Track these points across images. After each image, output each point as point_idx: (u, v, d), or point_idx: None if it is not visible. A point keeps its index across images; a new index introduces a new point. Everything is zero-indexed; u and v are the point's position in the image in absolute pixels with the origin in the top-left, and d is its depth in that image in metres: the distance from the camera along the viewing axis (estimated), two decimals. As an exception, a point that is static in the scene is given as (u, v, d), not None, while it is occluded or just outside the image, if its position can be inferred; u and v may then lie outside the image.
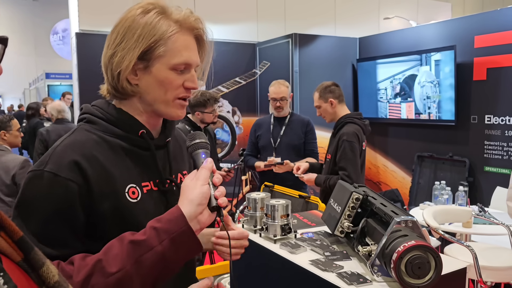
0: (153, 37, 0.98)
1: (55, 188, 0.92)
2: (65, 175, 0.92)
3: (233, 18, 5.81)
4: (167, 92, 1.02)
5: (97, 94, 1.17)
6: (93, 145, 0.99)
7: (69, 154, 0.95)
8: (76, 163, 0.94)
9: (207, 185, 0.91)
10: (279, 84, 3.39)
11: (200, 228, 0.90)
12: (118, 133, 1.03)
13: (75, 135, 1.01)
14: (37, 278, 0.54)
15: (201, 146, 1.00)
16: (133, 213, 0.99)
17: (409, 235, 1.29)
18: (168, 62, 1.00)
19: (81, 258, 0.86)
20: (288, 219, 1.71)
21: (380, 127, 5.31)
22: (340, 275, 1.37)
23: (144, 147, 1.05)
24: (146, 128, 1.06)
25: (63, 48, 9.38)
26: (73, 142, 0.99)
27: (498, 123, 4.14)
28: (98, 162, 0.97)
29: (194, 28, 1.04)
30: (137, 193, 1.01)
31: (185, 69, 1.03)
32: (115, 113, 1.04)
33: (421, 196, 4.84)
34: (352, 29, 6.34)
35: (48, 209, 0.91)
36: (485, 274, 2.60)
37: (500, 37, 4.07)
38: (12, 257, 0.53)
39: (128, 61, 0.98)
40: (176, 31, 1.00)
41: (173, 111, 1.05)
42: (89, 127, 1.03)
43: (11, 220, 0.54)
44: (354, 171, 2.82)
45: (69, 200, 0.92)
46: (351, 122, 2.94)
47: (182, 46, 1.01)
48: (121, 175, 1.00)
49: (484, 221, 3.05)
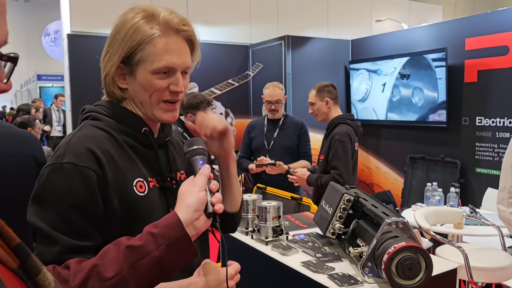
0: (133, 42, 0.99)
1: (75, 179, 0.93)
2: (84, 164, 0.94)
3: (226, 20, 5.81)
4: (151, 95, 1.03)
5: (88, 95, 1.17)
6: (103, 139, 1.01)
7: (84, 144, 0.97)
8: (92, 152, 0.96)
9: (204, 191, 0.92)
10: (274, 87, 3.39)
11: (196, 233, 0.90)
12: (123, 129, 1.05)
13: (84, 130, 1.03)
14: (33, 285, 0.54)
15: (198, 153, 1.01)
16: (140, 207, 1.00)
17: (400, 236, 1.29)
18: (149, 67, 1.00)
19: (77, 262, 0.86)
20: (280, 221, 1.71)
21: (372, 129, 5.33)
22: (331, 277, 1.37)
23: (147, 145, 1.07)
24: (148, 126, 1.07)
25: (55, 49, 9.32)
26: (85, 135, 1.00)
27: (489, 124, 4.17)
28: (109, 154, 0.99)
29: (180, 30, 1.03)
30: (145, 187, 1.03)
31: (169, 72, 1.02)
32: (119, 111, 1.06)
33: (413, 197, 4.86)
34: (345, 31, 6.37)
35: (69, 201, 0.92)
36: (476, 274, 2.62)
37: (490, 39, 4.11)
38: (8, 264, 0.52)
39: (110, 66, 1.01)
40: (157, 35, 1.00)
41: (158, 114, 1.05)
42: (95, 123, 1.05)
43: (8, 227, 0.53)
44: (346, 170, 2.83)
45: (89, 189, 0.94)
46: (343, 123, 2.96)
47: (163, 50, 1.00)
48: (129, 168, 1.02)
49: (475, 222, 3.06)
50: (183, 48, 1.04)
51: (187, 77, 1.08)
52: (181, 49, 1.03)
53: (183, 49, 1.04)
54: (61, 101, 8.21)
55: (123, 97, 1.06)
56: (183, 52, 1.04)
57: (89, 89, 4.70)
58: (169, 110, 1.06)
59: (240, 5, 5.93)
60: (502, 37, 4.00)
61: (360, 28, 6.65)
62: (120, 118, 1.05)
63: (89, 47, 4.68)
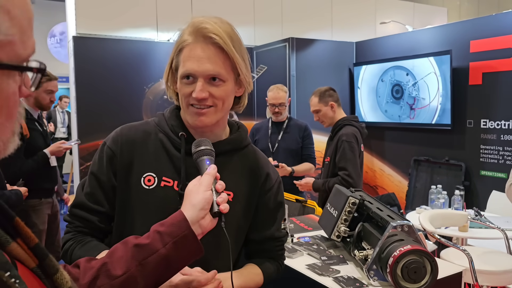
0: (176, 49, 1.08)
1: (102, 155, 1.14)
2: (109, 145, 1.14)
3: (230, 22, 5.79)
4: (182, 100, 1.10)
5: (94, 97, 1.25)
6: (141, 132, 1.15)
7: (119, 131, 1.16)
8: (118, 136, 1.14)
9: (210, 191, 0.93)
10: (278, 89, 3.39)
11: (202, 232, 0.92)
12: (165, 130, 1.14)
13: (139, 122, 1.20)
14: (50, 284, 0.55)
15: (205, 153, 1.02)
16: (137, 198, 1.10)
17: (405, 239, 1.29)
18: (179, 72, 1.08)
19: (87, 261, 0.89)
20: (285, 223, 1.72)
21: (377, 131, 5.32)
22: (336, 280, 1.37)
23: (179, 149, 1.13)
24: (188, 131, 1.14)
25: (60, 51, 9.35)
26: (129, 125, 1.18)
27: (494, 127, 4.16)
28: (133, 144, 1.13)
29: (207, 36, 1.04)
30: (153, 182, 1.11)
31: (193, 78, 1.05)
32: (170, 114, 1.17)
33: (418, 200, 4.85)
34: (349, 33, 6.37)
35: (93, 170, 1.14)
36: (481, 278, 2.61)
37: (495, 42, 4.10)
38: (27, 264, 0.54)
39: (165, 72, 1.14)
40: (188, 42, 1.06)
41: (189, 118, 1.11)
42: (153, 119, 1.19)
43: (27, 227, 0.55)
44: (355, 170, 2.82)
45: (107, 165, 1.12)
46: (349, 125, 2.96)
47: (187, 56, 1.05)
48: (149, 162, 1.12)
49: (480, 225, 3.05)
50: (210, 55, 1.04)
51: (222, 85, 1.06)
52: (206, 56, 1.04)
53: (210, 55, 1.04)
54: (65, 102, 8.24)
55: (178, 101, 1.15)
56: (209, 59, 1.04)
57: (94, 91, 4.73)
58: (197, 114, 1.08)
59: (245, 7, 5.94)
60: (507, 39, 3.99)
61: (365, 30, 6.65)
62: (167, 120, 1.16)
63: (95, 49, 4.70)
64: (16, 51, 0.50)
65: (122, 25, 5.06)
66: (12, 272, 0.47)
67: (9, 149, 0.53)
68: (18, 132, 0.54)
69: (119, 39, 4.97)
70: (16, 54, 0.51)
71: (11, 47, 0.50)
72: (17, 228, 0.55)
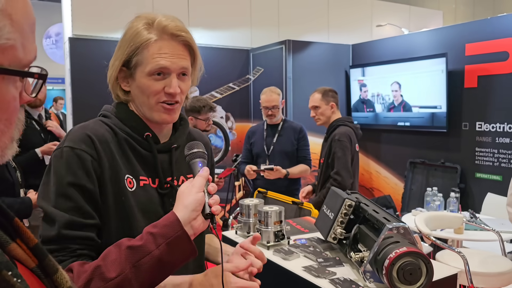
0: (132, 46, 1.06)
1: (72, 160, 1.01)
2: (80, 148, 1.02)
3: (227, 24, 5.82)
4: (149, 97, 1.08)
5: (90, 98, 1.24)
6: (105, 132, 1.08)
7: (82, 131, 1.05)
8: (89, 137, 1.04)
9: (202, 193, 0.94)
10: (271, 92, 3.40)
11: (194, 233, 0.92)
12: (126, 130, 1.10)
13: (90, 122, 1.11)
14: (50, 284, 0.56)
15: (198, 156, 1.03)
16: (129, 201, 1.05)
17: (401, 241, 1.30)
18: (145, 69, 1.06)
19: (80, 265, 0.89)
20: (281, 225, 1.72)
21: (372, 133, 5.34)
22: (333, 282, 1.37)
23: (147, 149, 1.11)
24: (151, 131, 1.12)
25: (56, 52, 9.34)
26: (87, 125, 1.09)
27: (489, 130, 4.18)
28: (107, 144, 1.06)
29: (176, 35, 1.07)
30: (133, 184, 1.08)
31: (164, 74, 1.06)
32: (125, 113, 1.13)
33: (414, 202, 4.87)
34: (345, 36, 6.39)
35: (68, 180, 1.00)
36: (476, 280, 2.62)
37: (490, 45, 4.12)
38: (26, 264, 0.54)
39: (114, 69, 1.10)
40: (153, 40, 1.05)
41: (156, 115, 1.09)
42: (103, 119, 1.12)
43: (26, 228, 0.55)
44: (344, 168, 2.84)
45: (86, 170, 1.01)
46: (343, 125, 2.99)
47: (156, 53, 1.05)
48: (123, 163, 1.07)
49: (475, 227, 3.07)
50: (179, 52, 1.08)
51: (187, 80, 1.11)
52: (175, 53, 1.07)
53: (179, 52, 1.08)
54: (60, 104, 8.22)
55: (126, 99, 1.13)
56: (179, 56, 1.07)
57: (90, 92, 4.71)
58: (167, 111, 1.09)
59: (241, 10, 5.95)
60: (502, 42, 4.02)
61: (361, 33, 6.67)
62: (125, 118, 1.11)
63: (91, 50, 4.68)
64: (17, 56, 0.50)
65: (118, 27, 5.01)
66: (14, 271, 0.47)
67: (7, 156, 0.53)
68: (17, 138, 0.54)
69: (116, 40, 4.91)
70: (17, 59, 0.50)
71: (12, 52, 0.49)
72: (17, 228, 0.55)
